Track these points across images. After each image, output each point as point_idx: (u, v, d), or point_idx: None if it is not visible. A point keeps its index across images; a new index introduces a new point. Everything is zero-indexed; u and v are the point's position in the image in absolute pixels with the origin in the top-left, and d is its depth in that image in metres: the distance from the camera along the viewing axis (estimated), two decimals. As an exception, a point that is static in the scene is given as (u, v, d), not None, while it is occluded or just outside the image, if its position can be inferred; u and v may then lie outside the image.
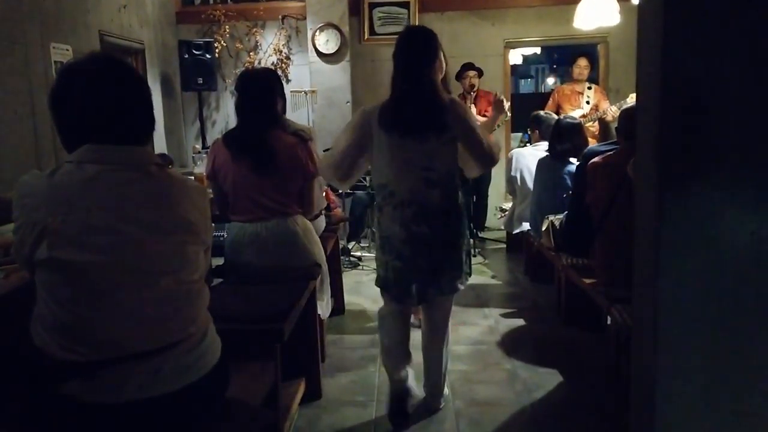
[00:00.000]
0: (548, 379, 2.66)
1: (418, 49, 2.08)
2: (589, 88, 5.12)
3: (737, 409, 1.42)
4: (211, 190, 2.40)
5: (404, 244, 2.12)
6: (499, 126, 5.15)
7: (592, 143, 3.91)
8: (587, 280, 2.78)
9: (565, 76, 5.41)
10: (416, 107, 2.06)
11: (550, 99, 5.34)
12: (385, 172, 2.12)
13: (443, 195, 2.11)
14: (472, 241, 4.71)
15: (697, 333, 1.40)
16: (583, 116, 4.96)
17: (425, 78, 2.06)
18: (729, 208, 1.36)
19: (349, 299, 3.75)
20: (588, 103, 5.06)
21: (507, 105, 2.58)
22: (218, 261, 2.51)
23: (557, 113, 4.69)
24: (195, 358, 1.34)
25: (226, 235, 2.48)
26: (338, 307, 3.45)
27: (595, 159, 2.73)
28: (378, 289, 2.30)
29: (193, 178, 3.46)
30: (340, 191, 4.62)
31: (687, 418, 1.43)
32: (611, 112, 4.85)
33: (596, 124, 5.03)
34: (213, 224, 1.51)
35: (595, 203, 2.69)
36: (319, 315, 2.63)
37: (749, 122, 1.34)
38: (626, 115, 2.73)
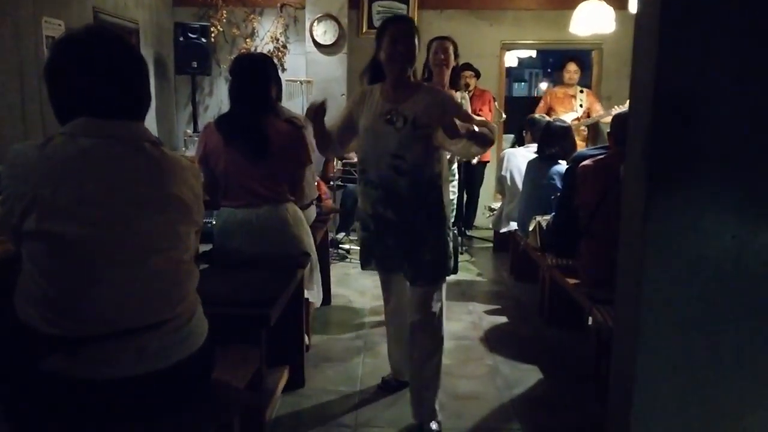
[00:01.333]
0: (529, 375, 2.70)
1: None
2: (581, 91, 5.17)
3: (714, 410, 1.45)
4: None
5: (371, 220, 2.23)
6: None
7: (581, 147, 3.95)
8: (571, 281, 2.82)
9: (557, 80, 5.43)
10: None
11: (542, 101, 5.37)
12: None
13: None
14: (459, 239, 4.75)
15: (677, 334, 1.43)
16: (577, 119, 5.00)
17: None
18: (712, 212, 1.39)
19: (336, 291, 3.75)
20: (581, 106, 5.10)
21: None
22: (205, 248, 2.50)
23: (548, 115, 4.73)
24: (181, 338, 1.34)
25: (215, 221, 2.47)
26: (325, 299, 3.45)
27: (586, 162, 2.76)
28: (364, 283, 2.32)
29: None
30: (332, 183, 4.62)
31: (664, 417, 1.46)
32: (611, 115, 4.88)
33: (585, 128, 5.08)
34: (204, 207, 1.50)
35: (584, 205, 2.72)
36: (307, 304, 2.63)
37: (734, 131, 1.38)
38: (619, 120, 2.76)
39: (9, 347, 1.28)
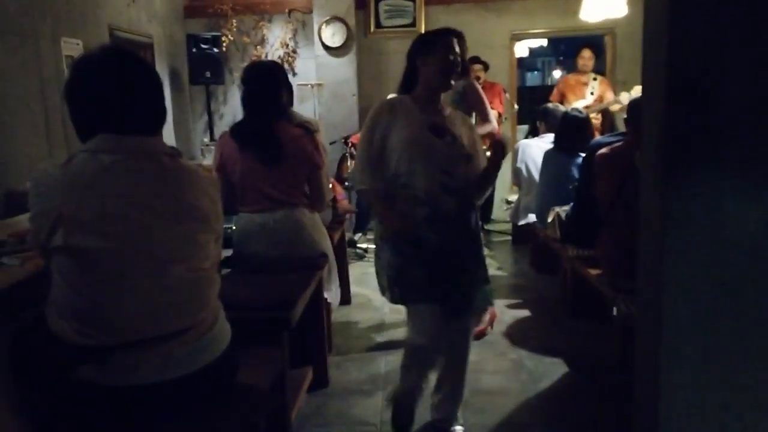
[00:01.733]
0: (554, 369, 2.68)
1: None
2: (595, 79, 5.10)
3: (742, 397, 1.42)
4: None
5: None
6: (506, 118, 5.15)
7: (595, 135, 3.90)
8: (593, 271, 2.79)
9: (572, 68, 5.36)
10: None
11: (555, 89, 5.32)
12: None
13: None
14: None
15: (701, 322, 1.40)
16: (587, 107, 4.95)
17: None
18: (733, 196, 1.36)
19: (356, 290, 3.78)
20: (592, 94, 5.04)
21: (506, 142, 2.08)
22: (226, 252, 2.54)
23: (561, 103, 4.68)
24: (205, 344, 1.37)
25: (234, 227, 2.51)
26: (345, 298, 3.48)
27: (603, 150, 2.72)
28: None
29: (201, 170, 3.50)
30: (347, 183, 4.65)
31: (691, 406, 1.43)
32: (619, 102, 4.83)
33: (599, 115, 5.02)
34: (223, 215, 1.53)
35: (602, 194, 2.69)
36: (328, 305, 2.66)
37: (753, 112, 1.35)
38: (635, 105, 2.72)
39: (43, 358, 1.32)
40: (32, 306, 1.40)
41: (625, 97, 4.74)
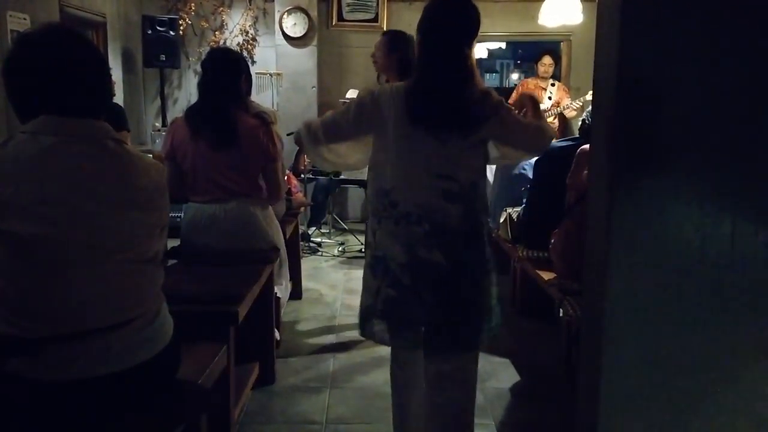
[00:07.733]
0: (500, 369, 2.72)
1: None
2: (553, 84, 5.25)
3: (679, 401, 1.48)
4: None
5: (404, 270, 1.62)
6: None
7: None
8: (542, 273, 2.85)
9: (529, 72, 5.47)
10: (445, 96, 1.63)
11: (514, 92, 5.42)
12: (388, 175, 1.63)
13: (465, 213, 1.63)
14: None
15: (643, 327, 1.45)
16: (544, 111, 5.07)
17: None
18: (677, 205, 1.41)
19: (307, 285, 3.74)
20: (550, 98, 5.18)
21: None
22: (174, 242, 2.46)
23: None
24: (146, 338, 1.33)
25: (183, 216, 2.43)
26: (296, 293, 3.44)
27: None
28: (336, 276, 2.24)
29: (151, 156, 3.37)
30: (303, 176, 4.59)
31: (630, 409, 1.47)
32: (572, 107, 4.99)
33: (555, 119, 5.16)
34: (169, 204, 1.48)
35: (576, 186, 2.58)
36: (277, 299, 2.61)
37: (698, 123, 1.40)
38: None
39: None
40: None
41: (578, 104, 4.89)
